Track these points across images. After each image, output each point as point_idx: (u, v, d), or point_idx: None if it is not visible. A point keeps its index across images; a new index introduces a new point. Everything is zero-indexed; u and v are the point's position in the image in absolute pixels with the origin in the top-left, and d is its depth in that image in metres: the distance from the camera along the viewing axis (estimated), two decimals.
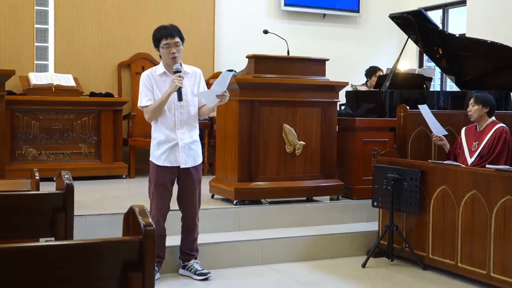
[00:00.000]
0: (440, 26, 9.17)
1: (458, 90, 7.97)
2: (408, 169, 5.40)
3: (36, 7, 8.05)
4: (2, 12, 7.77)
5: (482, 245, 4.83)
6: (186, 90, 4.65)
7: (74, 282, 2.04)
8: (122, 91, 8.36)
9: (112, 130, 7.55)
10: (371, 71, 8.63)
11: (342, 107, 7.80)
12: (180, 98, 4.57)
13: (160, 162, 4.71)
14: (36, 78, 7.44)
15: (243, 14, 9.43)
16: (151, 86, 4.70)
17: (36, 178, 3.63)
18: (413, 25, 7.50)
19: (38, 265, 1.99)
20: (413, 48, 10.06)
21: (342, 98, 7.06)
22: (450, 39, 7.65)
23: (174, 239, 5.02)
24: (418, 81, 7.74)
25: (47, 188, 3.71)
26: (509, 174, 4.65)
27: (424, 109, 5.81)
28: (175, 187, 4.83)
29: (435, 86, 10.32)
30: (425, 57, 10.34)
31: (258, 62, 5.95)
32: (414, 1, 10.36)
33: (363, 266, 5.43)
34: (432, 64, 9.17)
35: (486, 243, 4.79)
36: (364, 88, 8.32)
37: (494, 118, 5.63)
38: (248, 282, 5.00)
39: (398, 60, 7.52)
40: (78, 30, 8.20)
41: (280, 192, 5.99)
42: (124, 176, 7.61)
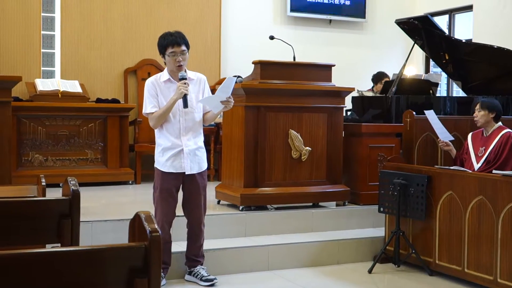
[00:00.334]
0: (446, 31, 9.16)
1: (465, 95, 7.96)
2: (414, 174, 5.38)
3: (42, 14, 8.08)
4: (9, 18, 7.80)
5: (489, 250, 4.81)
6: (190, 96, 4.64)
7: None
8: (128, 97, 8.37)
9: (118, 136, 7.57)
10: (378, 77, 8.62)
11: (348, 113, 7.80)
12: (185, 105, 4.56)
13: (165, 169, 4.71)
14: (42, 85, 7.46)
15: (249, 20, 9.45)
16: (156, 93, 4.69)
17: (42, 184, 3.64)
18: (419, 30, 7.49)
19: (44, 271, 2.00)
20: (419, 53, 10.05)
21: (348, 103, 7.06)
22: (456, 45, 7.64)
23: (180, 245, 5.02)
24: (425, 86, 7.73)
25: (54, 194, 3.72)
26: None
27: (430, 114, 5.79)
28: (180, 193, 4.83)
29: (442, 91, 10.31)
30: (431, 62, 10.33)
31: (264, 67, 5.96)
32: (420, 6, 10.36)
33: (370, 272, 5.41)
34: (438, 69, 9.15)
35: (493, 249, 4.77)
36: (370, 93, 8.31)
37: (500, 123, 5.62)
38: None
39: (404, 65, 7.51)
40: (85, 36, 8.22)
41: (286, 198, 5.99)
42: (130, 182, 7.61)
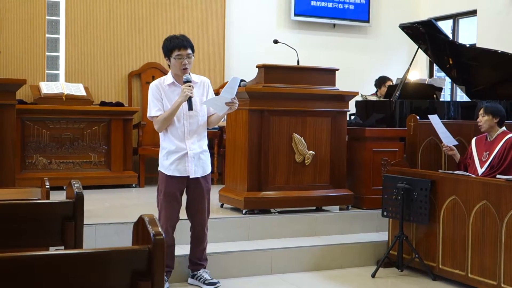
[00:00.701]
0: (450, 36, 9.16)
1: (469, 100, 7.95)
2: (418, 179, 5.38)
3: (47, 17, 8.11)
4: (14, 21, 7.82)
5: (492, 255, 4.80)
6: (194, 99, 4.63)
7: None
8: (132, 101, 8.38)
9: (122, 139, 7.58)
10: (381, 81, 8.62)
11: (352, 117, 7.79)
12: (190, 108, 4.56)
13: (169, 172, 4.70)
14: (46, 87, 7.47)
15: (253, 24, 9.46)
16: (160, 96, 4.69)
17: (46, 187, 3.63)
18: (423, 35, 7.49)
19: (47, 274, 2.00)
20: (423, 58, 10.05)
21: (352, 108, 7.06)
22: (460, 49, 7.64)
23: (183, 249, 5.02)
24: (428, 91, 7.73)
25: (57, 197, 3.71)
26: None
27: (434, 119, 5.79)
28: (184, 197, 4.83)
29: (445, 96, 10.30)
30: (435, 67, 10.33)
31: (268, 71, 5.96)
32: (425, 11, 10.36)
33: (373, 276, 5.41)
34: (442, 74, 9.15)
35: (496, 254, 4.77)
36: (374, 98, 8.31)
37: (504, 128, 5.61)
38: None
39: (408, 70, 7.50)
40: (89, 39, 8.24)
41: (289, 201, 5.99)
42: (134, 185, 7.62)
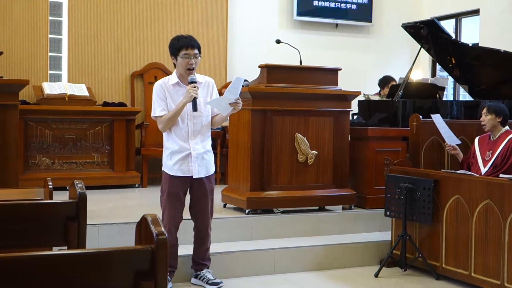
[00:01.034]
0: (453, 35, 9.15)
1: (471, 99, 7.94)
2: (421, 178, 5.38)
3: (50, 18, 8.12)
4: (17, 22, 7.83)
5: (496, 255, 4.79)
6: (199, 100, 4.64)
7: None
8: (135, 101, 8.39)
9: (125, 139, 7.58)
10: (384, 81, 8.62)
11: (355, 117, 7.79)
12: (195, 109, 4.55)
13: (173, 172, 4.70)
14: (49, 88, 7.48)
15: (256, 24, 9.46)
16: (164, 96, 4.68)
17: (49, 187, 3.64)
18: (426, 34, 7.48)
19: (50, 274, 2.00)
20: (426, 57, 10.04)
21: (354, 107, 7.05)
22: (463, 49, 7.63)
23: (186, 249, 5.02)
24: (431, 90, 7.72)
25: (60, 197, 3.72)
26: None
27: (437, 118, 5.79)
28: (187, 197, 4.83)
29: (448, 95, 10.29)
30: (438, 66, 10.32)
31: (270, 71, 5.96)
32: (427, 10, 10.35)
33: (376, 276, 5.40)
34: (445, 73, 9.14)
35: (500, 253, 4.76)
36: (376, 97, 8.30)
37: (507, 127, 5.60)
38: None
39: (411, 69, 7.50)
40: (92, 40, 8.25)
41: (292, 201, 5.99)
42: (136, 185, 7.62)
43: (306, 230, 5.92)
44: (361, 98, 7.51)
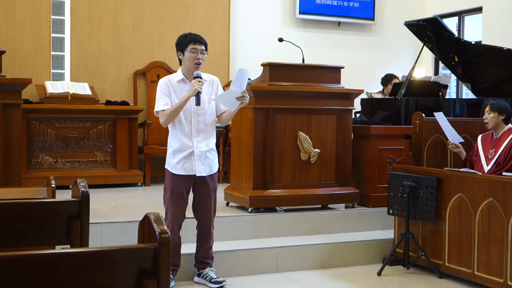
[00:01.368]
0: (455, 33, 9.13)
1: (474, 97, 7.93)
2: (424, 176, 5.37)
3: (52, 17, 8.12)
4: (19, 21, 7.84)
5: (499, 253, 4.79)
6: (203, 97, 4.63)
7: None
8: (138, 100, 8.39)
9: (127, 138, 7.59)
10: (387, 79, 8.61)
11: (357, 115, 7.78)
12: (198, 103, 4.55)
13: (175, 171, 4.70)
14: (52, 87, 7.49)
15: (258, 23, 9.45)
16: (169, 92, 4.68)
17: (52, 186, 3.65)
18: (428, 32, 7.48)
19: (53, 272, 2.00)
20: (428, 55, 10.03)
21: (357, 105, 7.04)
22: (465, 47, 7.62)
23: (189, 247, 5.03)
24: (434, 88, 7.72)
25: (63, 196, 3.73)
26: None
27: (440, 116, 5.78)
28: (190, 195, 4.83)
29: (451, 93, 10.28)
30: (440, 64, 10.31)
31: (273, 70, 5.95)
32: (430, 8, 10.33)
33: (379, 274, 5.40)
34: (447, 71, 9.13)
35: (503, 251, 4.75)
36: (379, 95, 8.30)
37: (510, 125, 5.60)
38: None
39: (413, 67, 7.49)
40: (94, 39, 8.25)
41: (295, 200, 5.98)
42: (139, 184, 7.63)
43: (309, 229, 5.92)
44: (363, 96, 7.50)
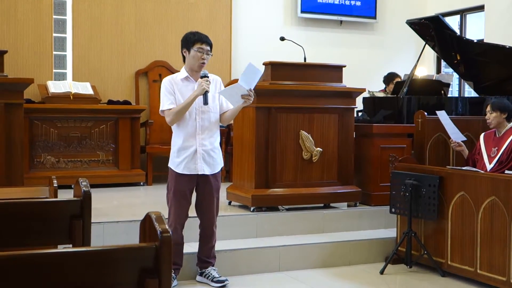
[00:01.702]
0: (458, 31, 9.13)
1: (477, 95, 7.92)
2: (426, 175, 5.36)
3: (54, 16, 8.13)
4: (21, 21, 7.85)
5: (501, 251, 4.78)
6: (208, 95, 4.65)
7: None
8: (140, 99, 8.40)
9: (129, 137, 7.59)
10: (389, 78, 8.61)
11: (360, 114, 7.78)
12: (205, 102, 4.56)
13: (179, 170, 4.69)
14: (54, 87, 7.49)
15: (260, 21, 9.45)
16: (173, 91, 4.68)
17: (54, 185, 3.65)
18: (430, 31, 7.47)
19: (56, 271, 2.01)
20: (430, 54, 10.01)
21: (359, 104, 7.04)
22: (468, 45, 7.61)
23: (191, 246, 5.03)
24: (436, 87, 7.71)
25: (65, 195, 3.73)
26: None
27: (442, 115, 5.78)
28: (193, 194, 4.83)
29: (453, 92, 10.27)
30: (443, 63, 10.30)
31: (275, 69, 5.95)
32: (432, 7, 10.32)
33: (381, 273, 5.40)
34: (450, 70, 9.12)
35: (505, 250, 4.75)
36: (381, 94, 8.29)
37: None
38: None
39: (415, 66, 7.49)
40: (96, 38, 8.26)
41: (297, 198, 5.98)
42: (141, 183, 7.63)
43: (311, 228, 5.92)
44: (365, 95, 7.50)
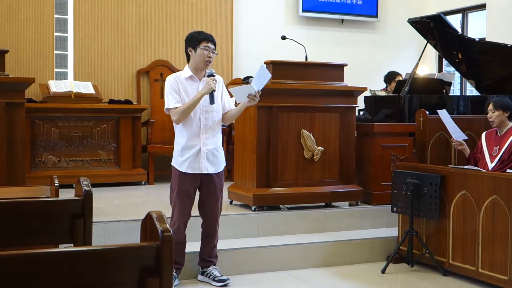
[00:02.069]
0: (459, 30, 9.11)
1: (478, 94, 7.91)
2: (427, 174, 5.36)
3: (55, 16, 8.13)
4: (22, 20, 7.85)
5: (503, 250, 4.78)
6: (214, 95, 4.66)
7: None
8: (141, 98, 8.39)
9: (131, 137, 7.58)
10: (391, 76, 8.60)
11: (361, 113, 7.78)
12: (212, 101, 4.59)
13: (183, 169, 4.69)
14: (55, 86, 7.49)
15: (261, 21, 9.44)
16: (178, 89, 4.69)
17: (55, 185, 3.65)
18: (432, 29, 7.45)
19: (57, 270, 2.01)
20: (432, 52, 10.01)
21: (360, 103, 7.03)
22: (469, 43, 7.60)
23: (193, 245, 5.03)
24: (438, 86, 7.70)
25: (67, 194, 3.73)
26: None
27: (443, 114, 5.77)
28: (197, 193, 4.83)
29: (455, 90, 10.26)
30: (444, 61, 10.28)
31: (276, 68, 5.95)
32: (433, 5, 10.31)
33: (383, 272, 5.40)
34: (451, 68, 9.11)
35: (507, 248, 4.74)
36: (383, 93, 8.28)
37: None
38: None
39: (417, 65, 7.48)
40: (97, 38, 8.26)
41: (298, 198, 5.98)
42: (143, 182, 7.63)
43: (312, 227, 5.92)
44: (367, 94, 7.49)
